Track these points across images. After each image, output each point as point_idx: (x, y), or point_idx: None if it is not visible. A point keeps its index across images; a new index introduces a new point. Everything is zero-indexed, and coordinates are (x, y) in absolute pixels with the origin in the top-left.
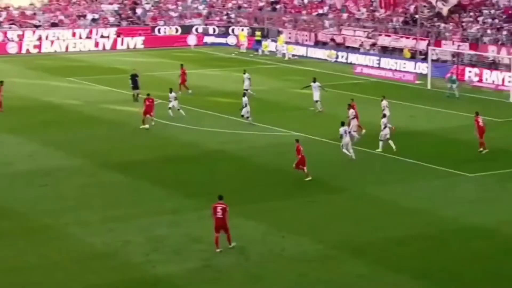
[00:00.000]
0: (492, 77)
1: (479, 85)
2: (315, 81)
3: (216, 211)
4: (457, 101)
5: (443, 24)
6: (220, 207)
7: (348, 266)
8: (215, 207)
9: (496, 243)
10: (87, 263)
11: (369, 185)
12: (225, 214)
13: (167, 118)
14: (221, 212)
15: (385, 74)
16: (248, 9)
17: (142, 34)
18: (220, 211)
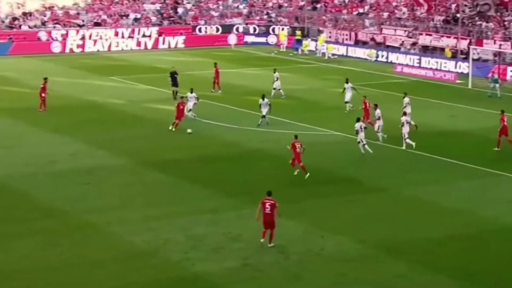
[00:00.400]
0: None
1: None
2: (347, 82)
3: (264, 207)
4: (498, 100)
5: (485, 23)
6: (269, 203)
7: (387, 265)
8: (263, 203)
9: None
10: (128, 261)
11: (408, 185)
12: (274, 210)
13: (208, 117)
14: (269, 208)
15: (426, 73)
16: (289, 8)
17: (183, 33)
18: (269, 207)
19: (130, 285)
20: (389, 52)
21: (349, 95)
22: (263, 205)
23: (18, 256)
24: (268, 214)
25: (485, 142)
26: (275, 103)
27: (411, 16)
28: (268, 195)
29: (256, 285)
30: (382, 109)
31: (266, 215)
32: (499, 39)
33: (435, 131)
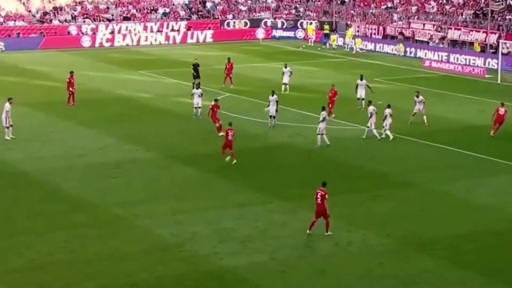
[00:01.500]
0: None
1: None
2: (362, 78)
3: (316, 197)
4: None
5: None
6: (320, 193)
7: (415, 261)
8: (316, 193)
9: None
10: (156, 254)
11: (437, 180)
12: (324, 201)
13: (235, 111)
14: (320, 199)
15: (455, 68)
16: (317, 2)
17: (212, 27)
18: (320, 198)
19: (159, 278)
20: (418, 46)
21: (362, 92)
22: (316, 195)
23: (48, 249)
24: (318, 204)
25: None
26: (302, 98)
27: (440, 10)
28: (322, 185)
29: (283, 280)
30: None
31: (317, 204)
32: None
33: (464, 126)
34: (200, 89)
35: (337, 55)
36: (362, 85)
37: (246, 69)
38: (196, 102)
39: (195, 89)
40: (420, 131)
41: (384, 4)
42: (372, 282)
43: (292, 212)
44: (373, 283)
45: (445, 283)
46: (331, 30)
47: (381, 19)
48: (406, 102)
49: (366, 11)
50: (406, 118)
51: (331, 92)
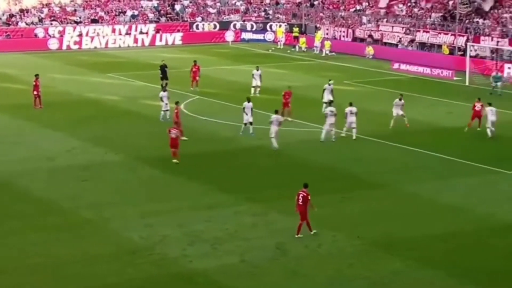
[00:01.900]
0: None
1: None
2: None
3: (298, 198)
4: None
5: (482, 20)
6: (302, 194)
7: (384, 262)
8: (297, 194)
9: None
10: (126, 257)
11: (406, 182)
12: (306, 203)
13: (204, 114)
14: (301, 200)
15: (423, 70)
16: (286, 5)
17: (181, 30)
18: (301, 199)
19: (129, 281)
20: (387, 49)
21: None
22: (297, 196)
23: (18, 253)
24: (300, 205)
25: (483, 139)
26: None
27: (408, 13)
28: (304, 187)
29: (253, 281)
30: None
31: (299, 206)
32: (497, 36)
33: (433, 128)
34: (167, 91)
35: (307, 58)
36: (328, 89)
37: (215, 72)
38: (164, 104)
39: (163, 92)
40: (389, 133)
41: (353, 6)
42: (343, 283)
43: (262, 214)
44: (343, 285)
45: (415, 284)
46: (301, 33)
47: (350, 22)
48: (375, 104)
49: (335, 14)
50: (376, 120)
51: (286, 94)
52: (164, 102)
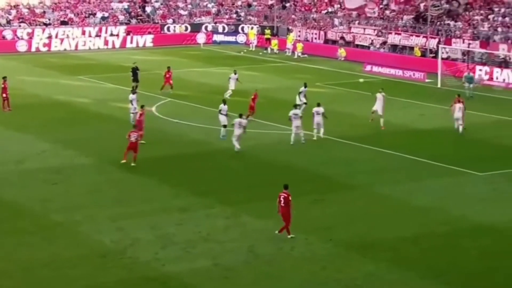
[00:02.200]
0: (502, 75)
1: (489, 84)
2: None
3: (279, 200)
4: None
5: (453, 22)
6: (283, 196)
7: (358, 264)
8: (279, 196)
9: (506, 242)
10: (97, 261)
11: (379, 183)
12: (288, 204)
13: (176, 116)
14: (283, 201)
15: (395, 72)
16: (258, 7)
17: (152, 32)
18: (283, 200)
19: (100, 285)
20: (359, 51)
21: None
22: (278, 198)
23: None
24: (282, 207)
25: (454, 140)
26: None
27: (380, 15)
28: (285, 188)
29: (226, 285)
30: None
31: (281, 208)
32: (468, 38)
33: (405, 130)
34: (137, 94)
35: (279, 60)
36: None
37: (187, 74)
38: (133, 108)
39: (132, 94)
40: (361, 135)
41: (325, 8)
42: (316, 286)
43: (234, 216)
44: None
45: (388, 286)
46: (272, 35)
47: (322, 24)
48: (347, 106)
49: (307, 16)
50: (347, 122)
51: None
52: (133, 106)
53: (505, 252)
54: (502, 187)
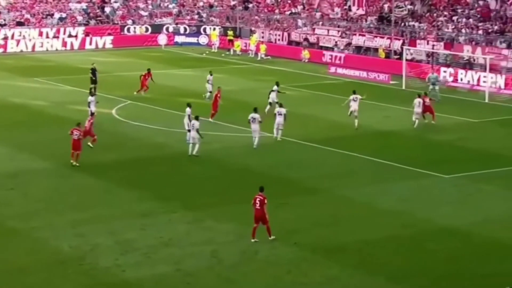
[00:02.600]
0: (467, 77)
1: (454, 85)
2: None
3: (255, 202)
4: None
5: (418, 23)
6: (259, 198)
7: (323, 268)
8: (254, 198)
9: (471, 244)
10: (55, 267)
11: (342, 186)
12: (263, 206)
13: (137, 119)
14: (259, 204)
15: (360, 74)
16: (220, 8)
17: (111, 33)
18: (258, 203)
19: None
20: (323, 52)
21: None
22: (254, 200)
23: None
24: (258, 209)
25: (419, 143)
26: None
27: (344, 16)
28: (260, 190)
29: None
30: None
31: (256, 210)
32: (433, 39)
33: (370, 132)
34: (96, 96)
35: (242, 61)
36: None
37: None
38: (92, 110)
39: (91, 96)
40: (326, 137)
41: (288, 10)
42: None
43: (197, 221)
44: None
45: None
46: (235, 36)
47: (285, 25)
48: (311, 109)
49: (270, 17)
50: (311, 125)
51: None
52: (90, 109)
53: (471, 254)
54: (467, 190)
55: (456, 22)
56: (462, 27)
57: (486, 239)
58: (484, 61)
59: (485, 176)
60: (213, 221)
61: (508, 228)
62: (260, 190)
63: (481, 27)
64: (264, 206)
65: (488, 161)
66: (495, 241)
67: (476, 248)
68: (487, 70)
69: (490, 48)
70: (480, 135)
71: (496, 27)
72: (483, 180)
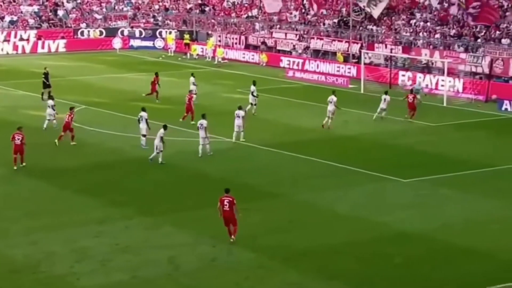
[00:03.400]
0: (425, 81)
1: None
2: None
3: (223, 204)
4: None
5: (375, 27)
6: (227, 200)
7: (282, 274)
8: (222, 200)
9: (429, 248)
10: (8, 276)
11: (301, 191)
12: (233, 207)
13: (91, 124)
14: (228, 205)
15: (318, 78)
16: (176, 11)
17: (64, 37)
18: (227, 204)
19: None
20: (281, 56)
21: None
22: (222, 202)
23: None
24: (227, 211)
25: (377, 147)
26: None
27: (301, 19)
28: (226, 192)
29: None
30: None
31: (225, 212)
32: (391, 43)
33: (329, 137)
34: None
35: (199, 65)
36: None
37: (103, 80)
38: (54, 113)
39: (50, 100)
40: (284, 142)
41: (245, 13)
42: None
43: (154, 227)
44: None
45: None
46: (192, 40)
47: (242, 29)
48: (268, 113)
49: (227, 21)
50: (269, 129)
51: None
52: (54, 111)
53: (429, 259)
54: (425, 194)
55: (414, 26)
56: (420, 31)
57: (444, 243)
58: (442, 65)
59: (443, 180)
60: (170, 227)
61: (465, 232)
62: (226, 192)
63: (439, 30)
64: (234, 207)
65: (446, 165)
66: (452, 246)
67: (434, 253)
68: (445, 74)
69: (448, 52)
70: (438, 139)
71: (453, 31)
72: (441, 184)
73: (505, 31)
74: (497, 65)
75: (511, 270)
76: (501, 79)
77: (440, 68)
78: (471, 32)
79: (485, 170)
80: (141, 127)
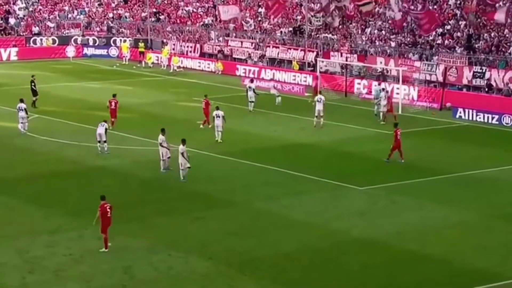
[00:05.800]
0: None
1: (368, 97)
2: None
3: (106, 211)
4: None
5: (331, 35)
6: (108, 206)
7: (238, 282)
8: (104, 207)
9: (386, 255)
10: None
11: (257, 199)
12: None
13: (44, 133)
14: (110, 212)
15: (274, 86)
16: (130, 19)
17: (16, 45)
18: (109, 211)
19: None
20: (237, 64)
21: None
22: (104, 209)
23: None
24: (109, 217)
25: (334, 155)
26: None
27: (257, 28)
28: (103, 199)
29: None
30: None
31: (108, 218)
32: (346, 51)
33: (285, 144)
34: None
35: (153, 74)
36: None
37: (56, 89)
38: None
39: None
40: (240, 150)
41: (200, 21)
42: None
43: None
44: None
45: None
46: (146, 48)
47: (198, 37)
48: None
49: (182, 29)
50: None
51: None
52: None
53: (386, 266)
54: (381, 201)
55: (369, 34)
56: (375, 39)
57: (400, 250)
58: (397, 73)
59: (399, 187)
60: (125, 236)
61: (421, 239)
62: (104, 199)
63: (394, 39)
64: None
65: (402, 172)
66: (408, 252)
67: (390, 259)
68: (400, 82)
69: (402, 60)
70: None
71: (408, 39)
72: (397, 192)
73: (459, 40)
74: (451, 74)
75: (466, 275)
76: (455, 87)
77: (395, 76)
78: (426, 41)
79: (440, 177)
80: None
